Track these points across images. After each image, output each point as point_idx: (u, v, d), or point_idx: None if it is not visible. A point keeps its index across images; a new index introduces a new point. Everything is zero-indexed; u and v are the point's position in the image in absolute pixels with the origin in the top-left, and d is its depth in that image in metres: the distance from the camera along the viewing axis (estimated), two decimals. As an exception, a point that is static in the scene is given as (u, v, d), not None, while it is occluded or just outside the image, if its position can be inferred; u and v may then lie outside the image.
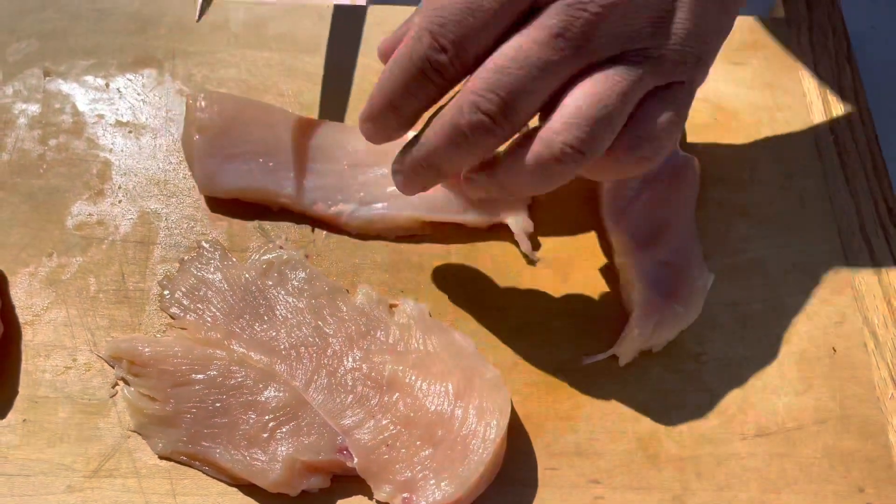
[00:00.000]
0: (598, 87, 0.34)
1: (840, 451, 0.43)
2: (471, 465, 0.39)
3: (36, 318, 0.44)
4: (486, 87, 0.33)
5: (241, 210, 0.48)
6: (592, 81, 0.34)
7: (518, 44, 0.33)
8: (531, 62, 0.33)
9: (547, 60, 0.33)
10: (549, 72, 0.33)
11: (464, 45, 0.34)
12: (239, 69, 0.53)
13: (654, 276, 0.45)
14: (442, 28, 0.33)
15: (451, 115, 0.35)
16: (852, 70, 0.54)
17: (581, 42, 0.33)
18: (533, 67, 0.33)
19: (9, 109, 0.50)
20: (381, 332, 0.43)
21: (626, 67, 0.34)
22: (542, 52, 0.33)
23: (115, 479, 0.40)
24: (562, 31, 0.33)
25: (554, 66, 0.33)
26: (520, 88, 0.33)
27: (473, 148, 0.35)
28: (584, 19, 0.33)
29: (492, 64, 0.34)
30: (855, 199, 0.50)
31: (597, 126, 0.33)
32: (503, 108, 0.34)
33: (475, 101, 0.34)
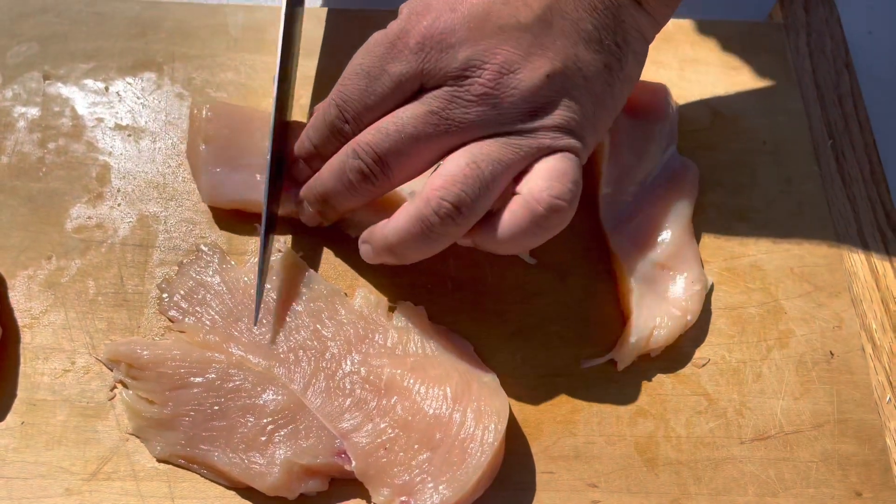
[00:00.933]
0: (472, 151, 0.39)
1: (837, 455, 0.43)
2: (469, 469, 0.39)
3: (34, 321, 0.44)
4: (365, 141, 0.40)
5: (241, 214, 0.48)
6: (468, 148, 0.39)
7: (399, 112, 0.40)
8: (406, 129, 0.39)
9: (419, 131, 0.39)
10: (420, 141, 0.39)
11: (361, 118, 0.41)
12: (238, 73, 0.53)
13: (652, 281, 0.45)
14: (345, 103, 0.41)
15: (339, 160, 0.41)
16: (850, 75, 0.55)
17: (452, 122, 0.39)
18: (406, 136, 0.39)
19: (8, 112, 0.50)
20: (379, 336, 0.43)
21: (502, 142, 0.39)
22: (415, 122, 0.39)
23: (113, 482, 0.40)
24: (436, 110, 0.39)
25: (424, 137, 0.39)
26: (392, 149, 0.39)
27: (356, 190, 0.41)
28: (457, 104, 0.39)
29: (378, 124, 0.40)
30: (852, 203, 0.50)
31: (470, 184, 0.38)
32: (377, 161, 0.40)
33: (356, 149, 0.40)
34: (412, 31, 0.39)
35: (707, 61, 0.55)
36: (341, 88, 0.41)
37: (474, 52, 0.38)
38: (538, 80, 0.38)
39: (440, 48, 0.38)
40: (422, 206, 0.38)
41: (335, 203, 0.43)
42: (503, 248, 0.40)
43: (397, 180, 0.41)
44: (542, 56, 0.38)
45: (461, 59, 0.38)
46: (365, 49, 0.41)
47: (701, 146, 0.52)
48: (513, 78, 0.38)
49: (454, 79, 0.38)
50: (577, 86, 0.39)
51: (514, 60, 0.38)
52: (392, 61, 0.39)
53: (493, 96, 0.38)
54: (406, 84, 0.39)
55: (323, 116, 0.42)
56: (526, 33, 0.38)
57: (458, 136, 0.39)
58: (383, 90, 0.40)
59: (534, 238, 0.39)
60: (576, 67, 0.39)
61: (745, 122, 0.53)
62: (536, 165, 0.39)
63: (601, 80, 0.40)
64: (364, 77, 0.40)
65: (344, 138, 0.42)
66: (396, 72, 0.39)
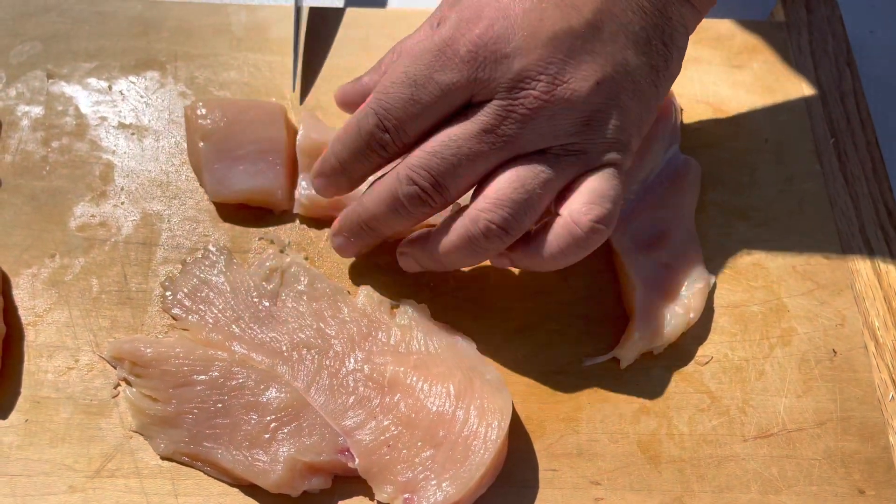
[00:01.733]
0: (520, 173, 0.38)
1: (840, 452, 0.43)
2: (472, 466, 0.39)
3: (38, 319, 0.44)
4: (419, 165, 0.39)
5: (244, 212, 0.48)
6: (516, 168, 0.38)
7: (452, 133, 0.38)
8: (461, 151, 0.38)
9: (475, 151, 0.38)
10: (475, 160, 0.38)
11: (404, 129, 0.39)
12: (241, 72, 0.53)
13: (654, 279, 0.45)
14: (387, 112, 0.39)
15: (388, 184, 0.40)
16: (852, 74, 0.55)
17: (507, 139, 0.38)
18: (462, 156, 0.38)
19: (12, 111, 0.50)
20: (382, 334, 0.43)
21: (550, 159, 0.38)
22: (471, 143, 0.38)
23: (116, 479, 0.40)
24: (491, 127, 0.38)
25: (481, 156, 0.38)
26: (448, 171, 0.39)
27: (408, 215, 0.40)
28: (512, 119, 0.38)
29: (429, 146, 0.39)
30: (854, 201, 0.50)
31: (518, 208, 0.38)
32: (434, 185, 0.39)
33: (410, 175, 0.39)
34: (462, 38, 0.37)
35: (709, 60, 0.55)
36: (382, 96, 0.39)
37: (528, 63, 0.37)
38: (588, 88, 0.37)
39: (494, 58, 0.37)
40: (469, 226, 0.39)
41: (382, 229, 0.42)
42: (544, 265, 0.40)
43: (452, 199, 0.40)
44: (591, 63, 0.38)
45: (515, 69, 0.37)
46: (410, 55, 0.39)
47: (703, 144, 0.52)
48: (565, 89, 0.37)
49: (507, 90, 0.37)
50: (626, 90, 0.39)
51: (566, 70, 0.37)
52: (440, 70, 0.38)
53: (546, 109, 0.37)
54: (454, 94, 0.38)
55: (357, 127, 0.40)
56: (577, 39, 0.37)
57: (512, 150, 0.38)
58: (429, 100, 0.38)
59: (572, 258, 0.39)
60: (625, 72, 0.38)
61: (746, 121, 0.53)
62: (579, 184, 0.39)
63: (648, 82, 0.39)
64: (409, 85, 0.38)
65: (383, 149, 0.40)
66: (445, 81, 0.38)
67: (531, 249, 0.40)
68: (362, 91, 0.45)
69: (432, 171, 0.39)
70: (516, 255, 0.41)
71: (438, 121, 0.39)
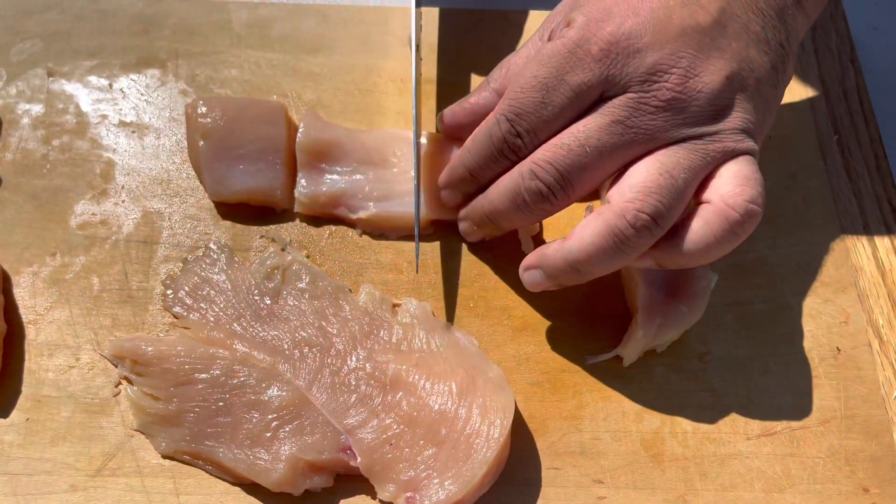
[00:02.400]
0: (662, 160, 0.37)
1: (844, 450, 0.42)
2: (474, 465, 0.38)
3: (39, 318, 0.44)
4: (545, 159, 0.38)
5: (244, 210, 0.48)
6: (657, 156, 0.37)
7: (580, 125, 0.38)
8: (590, 143, 0.38)
9: (604, 142, 0.37)
10: (604, 154, 0.38)
11: (536, 132, 0.39)
12: (242, 70, 0.53)
13: (657, 277, 0.45)
14: (518, 117, 0.39)
15: (513, 180, 0.40)
16: (855, 70, 0.54)
17: (638, 130, 0.37)
18: (591, 148, 0.38)
19: (12, 109, 0.50)
20: (384, 332, 0.43)
21: (689, 147, 0.37)
22: (600, 135, 0.37)
23: (118, 478, 0.40)
24: (621, 119, 0.37)
25: (609, 148, 0.38)
26: (575, 165, 0.38)
27: (530, 211, 0.40)
28: (644, 111, 0.37)
29: (556, 140, 0.38)
30: (858, 198, 0.50)
31: (667, 193, 0.37)
32: (558, 179, 0.38)
33: (534, 169, 0.39)
34: (594, 38, 0.37)
35: (712, 57, 0.55)
36: (513, 102, 0.39)
37: (661, 57, 0.37)
38: (719, 82, 0.37)
39: (626, 53, 0.37)
40: (614, 220, 0.37)
41: (503, 223, 0.42)
42: (693, 259, 0.38)
43: (576, 196, 0.39)
44: (719, 58, 0.38)
45: (648, 63, 0.37)
46: (537, 60, 0.39)
47: (706, 142, 0.51)
48: (697, 81, 0.37)
49: (640, 83, 0.37)
50: (750, 87, 0.38)
51: (697, 63, 0.37)
52: (572, 71, 0.38)
53: (679, 100, 0.37)
54: (586, 94, 0.38)
55: (489, 134, 0.40)
56: (705, 36, 0.38)
57: (643, 144, 0.38)
58: (562, 101, 0.38)
59: (726, 246, 0.37)
60: (749, 69, 0.38)
61: (750, 118, 0.53)
62: (721, 171, 0.38)
63: (769, 81, 0.39)
64: (541, 89, 0.38)
65: (516, 155, 0.40)
66: (577, 81, 0.38)
67: (679, 244, 0.37)
68: (471, 111, 0.44)
69: (557, 165, 0.38)
70: (661, 252, 0.38)
71: (569, 122, 0.39)
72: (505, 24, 0.55)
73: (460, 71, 0.52)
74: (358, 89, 0.52)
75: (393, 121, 0.51)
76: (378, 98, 0.52)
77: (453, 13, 0.55)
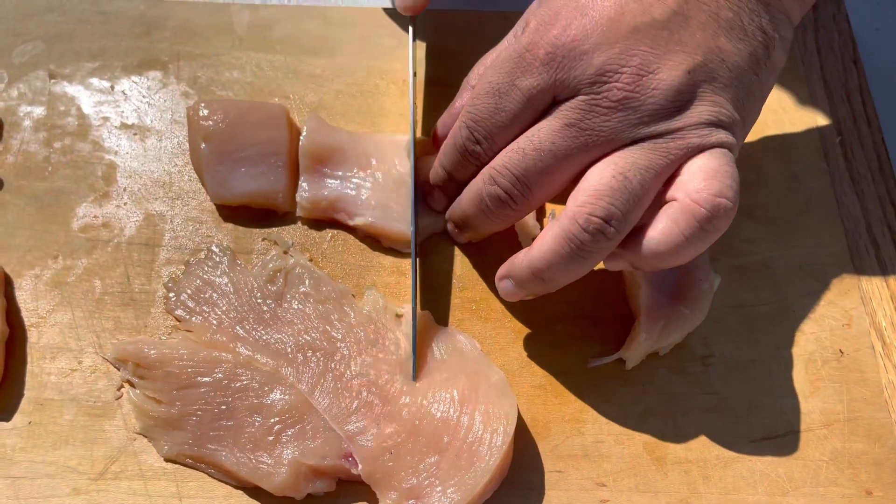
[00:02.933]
0: (616, 161, 0.37)
1: (848, 453, 0.42)
2: (477, 473, 0.38)
3: (41, 321, 0.44)
4: (502, 164, 0.39)
5: (247, 213, 0.47)
6: (611, 158, 0.37)
7: (534, 131, 0.38)
8: (544, 147, 0.38)
9: (557, 146, 0.37)
10: (559, 157, 0.37)
11: (493, 138, 0.40)
12: (243, 72, 0.52)
13: (660, 279, 0.45)
14: (476, 124, 0.40)
15: (476, 186, 0.41)
16: (858, 72, 0.54)
17: (591, 132, 0.37)
18: (545, 152, 0.38)
19: (14, 112, 0.50)
20: (388, 342, 0.43)
21: (648, 146, 0.37)
22: (554, 138, 0.37)
23: (120, 481, 0.40)
24: (574, 121, 0.37)
25: (564, 151, 0.37)
26: (532, 169, 0.38)
27: (494, 216, 0.41)
28: (596, 112, 0.37)
29: (513, 144, 0.39)
30: (861, 200, 0.50)
31: (618, 195, 0.36)
32: (515, 184, 0.39)
33: (493, 175, 0.39)
34: (541, 41, 0.37)
35: (714, 58, 0.55)
36: (470, 109, 0.40)
37: (609, 57, 0.36)
38: (678, 77, 0.36)
39: (573, 56, 0.37)
40: (568, 225, 0.36)
41: (477, 227, 0.43)
42: (664, 260, 0.37)
43: (537, 201, 0.39)
44: (680, 52, 0.36)
45: (596, 64, 0.36)
46: (493, 66, 0.39)
47: (708, 143, 0.51)
48: (652, 78, 0.36)
49: (589, 85, 0.37)
50: (721, 79, 0.37)
51: (652, 60, 0.36)
52: (521, 75, 0.38)
53: (632, 99, 0.36)
54: (537, 98, 0.38)
55: (454, 140, 0.42)
56: (662, 30, 0.36)
57: (600, 147, 0.37)
58: (514, 107, 0.38)
59: (697, 245, 0.36)
60: (718, 59, 0.37)
61: (752, 119, 0.53)
62: (687, 167, 0.37)
63: (747, 70, 0.37)
64: (493, 95, 0.39)
65: (477, 160, 0.41)
66: (527, 86, 0.38)
67: (648, 243, 0.36)
68: (456, 116, 0.45)
69: (513, 169, 0.38)
70: (631, 254, 0.37)
71: (526, 126, 0.39)
72: (506, 26, 0.55)
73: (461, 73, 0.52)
74: (360, 91, 0.52)
75: (395, 123, 0.51)
76: (380, 100, 0.52)
77: (454, 15, 0.55)
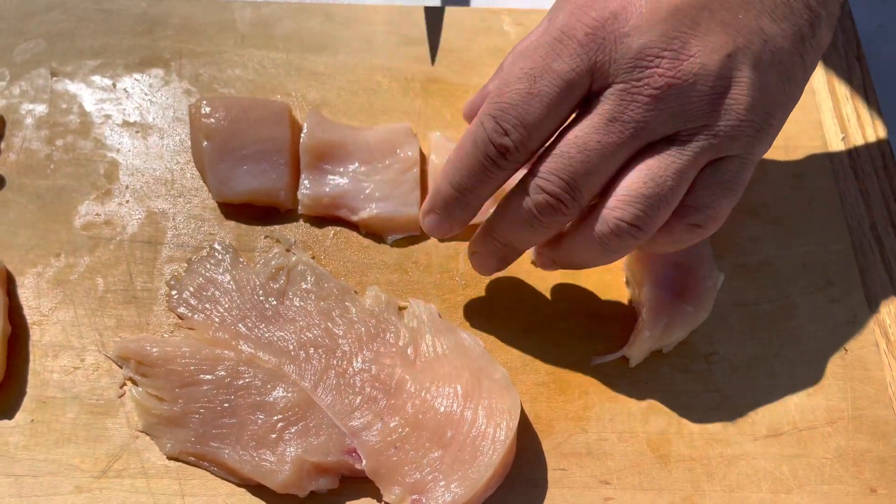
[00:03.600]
0: (650, 165, 0.36)
1: (852, 451, 0.42)
2: (481, 467, 0.38)
3: (44, 319, 0.44)
4: (549, 171, 0.36)
5: (249, 210, 0.47)
6: (646, 161, 0.36)
7: (578, 130, 0.36)
8: (590, 147, 0.36)
9: (605, 144, 0.36)
10: (606, 155, 0.36)
11: (526, 128, 0.36)
12: (246, 69, 0.52)
13: (663, 277, 0.45)
14: (503, 112, 0.36)
15: (519, 197, 0.38)
16: (862, 69, 0.54)
17: (636, 125, 0.35)
18: (592, 152, 0.36)
19: (16, 109, 0.50)
20: (390, 335, 0.43)
21: (681, 146, 0.36)
22: (600, 137, 0.35)
23: (123, 479, 0.40)
24: (616, 115, 0.35)
25: (611, 148, 0.36)
26: (580, 171, 0.36)
27: (543, 227, 0.38)
28: (638, 102, 0.35)
29: (555, 149, 0.36)
30: (865, 198, 0.50)
31: (650, 203, 0.36)
32: (566, 189, 0.36)
33: (540, 183, 0.37)
34: (578, 23, 0.35)
35: (717, 55, 0.55)
36: (496, 98, 0.37)
37: (649, 40, 0.34)
38: (719, 61, 0.34)
39: (612, 38, 0.35)
40: (600, 227, 0.37)
41: (519, 245, 0.40)
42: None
43: (586, 202, 0.37)
44: (721, 33, 0.35)
45: (636, 48, 0.34)
46: (523, 52, 0.37)
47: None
48: (693, 63, 0.34)
49: (629, 70, 0.35)
50: (764, 62, 0.35)
51: (692, 43, 0.34)
52: (558, 58, 0.35)
53: (673, 87, 0.34)
54: (576, 83, 0.35)
55: (472, 139, 0.37)
56: (702, 10, 0.35)
57: (643, 138, 0.36)
58: (550, 91, 0.36)
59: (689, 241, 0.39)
60: (761, 42, 0.35)
61: (756, 117, 0.52)
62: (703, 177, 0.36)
63: (792, 50, 0.36)
64: (526, 79, 0.36)
65: (503, 157, 0.37)
66: (564, 69, 0.35)
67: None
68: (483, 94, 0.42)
69: (563, 175, 0.36)
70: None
71: (562, 120, 0.37)
72: (511, 23, 0.55)
73: (467, 70, 0.52)
74: (362, 89, 0.52)
75: (397, 120, 0.51)
76: (382, 97, 0.52)
77: (460, 12, 0.55)
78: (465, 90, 0.52)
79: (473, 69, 0.53)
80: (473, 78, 0.52)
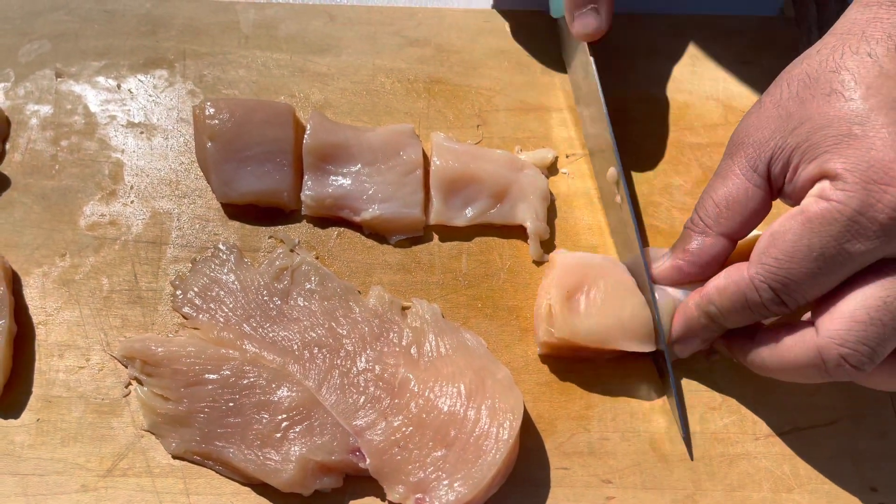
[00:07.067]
0: (880, 293, 0.35)
1: (852, 450, 0.43)
2: (484, 466, 0.39)
3: (49, 318, 0.44)
4: (858, 340, 0.35)
5: (253, 211, 0.48)
6: (880, 284, 0.35)
7: (879, 297, 0.35)
8: (886, 320, 0.35)
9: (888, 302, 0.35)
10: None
11: (805, 298, 0.37)
12: (250, 70, 0.53)
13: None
14: (786, 287, 0.37)
15: (811, 359, 0.37)
16: (862, 70, 0.54)
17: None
18: (889, 325, 0.35)
19: (21, 110, 0.50)
20: (393, 335, 0.43)
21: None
22: (884, 295, 0.35)
23: (128, 478, 0.40)
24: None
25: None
26: (882, 336, 0.35)
27: (754, 317, 0.39)
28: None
29: (858, 316, 0.35)
30: None
31: (883, 337, 0.35)
32: (871, 355, 0.35)
33: (844, 355, 0.35)
34: (879, 205, 0.34)
35: (719, 56, 0.55)
36: (778, 272, 0.37)
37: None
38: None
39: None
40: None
41: (728, 325, 0.41)
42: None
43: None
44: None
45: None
46: (809, 228, 0.36)
47: (713, 142, 0.51)
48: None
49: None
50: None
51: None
52: (854, 240, 0.35)
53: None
54: (869, 261, 0.35)
55: (744, 298, 0.38)
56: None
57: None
58: (842, 272, 0.36)
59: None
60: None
61: (757, 118, 0.53)
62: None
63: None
64: (815, 259, 0.35)
65: (770, 315, 0.39)
66: (860, 251, 0.35)
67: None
68: (699, 263, 0.42)
69: (872, 344, 0.35)
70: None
71: (841, 283, 0.37)
72: (514, 25, 0.55)
73: (469, 71, 0.53)
74: (366, 90, 0.52)
75: (400, 121, 0.51)
76: (385, 98, 0.52)
77: (462, 14, 0.55)
78: (468, 91, 0.52)
79: (476, 70, 0.53)
80: (476, 79, 0.53)
